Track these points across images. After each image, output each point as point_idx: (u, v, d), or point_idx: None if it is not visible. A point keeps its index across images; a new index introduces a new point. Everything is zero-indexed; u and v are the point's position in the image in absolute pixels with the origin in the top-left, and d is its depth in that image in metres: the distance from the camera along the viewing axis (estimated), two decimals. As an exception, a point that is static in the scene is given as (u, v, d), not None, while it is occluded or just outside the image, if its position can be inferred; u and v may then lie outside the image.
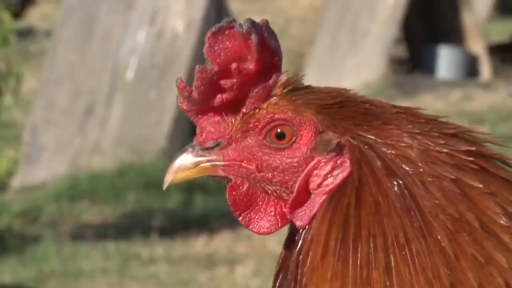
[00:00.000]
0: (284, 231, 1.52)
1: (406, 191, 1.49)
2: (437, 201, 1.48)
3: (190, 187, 8.17)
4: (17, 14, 9.43)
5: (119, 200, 8.49)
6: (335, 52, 11.10)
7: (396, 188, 1.49)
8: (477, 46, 11.03)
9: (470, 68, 11.38)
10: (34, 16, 12.38)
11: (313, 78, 12.10)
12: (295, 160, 1.55)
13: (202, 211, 8.44)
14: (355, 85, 11.98)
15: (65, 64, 8.76)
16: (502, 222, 1.46)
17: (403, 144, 1.51)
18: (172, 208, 8.37)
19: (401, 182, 1.49)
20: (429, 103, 11.04)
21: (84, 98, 8.74)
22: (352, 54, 10.87)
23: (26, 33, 11.02)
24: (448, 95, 11.53)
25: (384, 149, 1.51)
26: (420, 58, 11.56)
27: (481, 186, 1.46)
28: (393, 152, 1.51)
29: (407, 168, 1.50)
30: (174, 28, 8.39)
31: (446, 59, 11.27)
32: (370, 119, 1.54)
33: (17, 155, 7.88)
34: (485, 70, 11.21)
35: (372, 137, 1.52)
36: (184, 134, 8.84)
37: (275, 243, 7.02)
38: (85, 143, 8.53)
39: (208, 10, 8.39)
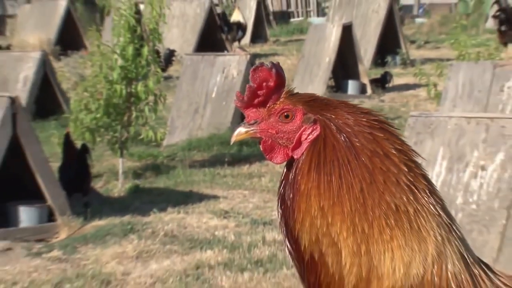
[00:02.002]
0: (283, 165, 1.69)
1: (347, 139, 1.64)
2: (362, 143, 1.65)
3: (240, 143, 8.10)
4: (163, 69, 10.03)
5: (210, 150, 9.03)
6: (302, 85, 11.74)
7: (342, 138, 1.65)
8: (365, 80, 11.84)
9: (362, 90, 12.15)
10: (171, 70, 12.46)
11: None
12: (294, 127, 1.69)
13: (246, 154, 8.90)
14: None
15: (185, 91, 9.61)
16: (393, 151, 1.65)
17: (345, 117, 1.67)
18: (233, 153, 8.88)
19: (345, 135, 1.65)
20: (345, 105, 11.89)
21: (193, 106, 9.50)
22: (310, 85, 11.62)
23: (167, 78, 11.46)
24: (352, 102, 12.70)
25: (336, 120, 1.67)
26: (340, 86, 12.53)
27: (382, 135, 1.65)
28: (340, 121, 1.66)
29: (347, 129, 1.66)
30: (232, 74, 8.75)
31: (351, 86, 12.04)
32: (328, 107, 1.70)
33: (165, 131, 8.69)
34: (369, 90, 12.01)
35: (330, 115, 1.68)
36: (238, 121, 8.79)
37: (280, 168, 8.32)
38: (194, 125, 9.36)
39: (247, 66, 9.28)
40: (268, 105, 1.71)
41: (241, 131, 1.71)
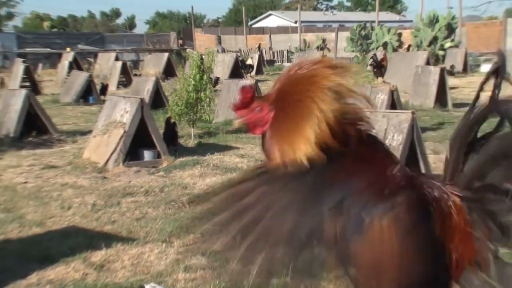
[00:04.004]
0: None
1: (285, 103, 1.31)
2: (292, 100, 1.31)
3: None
4: (213, 86, 9.96)
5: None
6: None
7: (283, 104, 1.31)
8: None
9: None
10: (217, 87, 10.89)
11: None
12: (264, 114, 1.37)
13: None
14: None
15: (224, 97, 8.76)
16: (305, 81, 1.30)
17: (284, 97, 1.33)
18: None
19: (284, 103, 1.32)
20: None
21: (227, 104, 8.72)
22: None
23: (215, 91, 10.73)
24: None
25: (278, 100, 1.34)
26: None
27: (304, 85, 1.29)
28: (280, 100, 1.34)
29: (285, 101, 1.33)
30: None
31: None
32: (277, 98, 1.34)
33: (214, 116, 8.38)
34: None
35: (277, 101, 1.32)
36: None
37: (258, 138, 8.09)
38: (228, 114, 8.61)
39: (254, 85, 9.37)
40: (248, 104, 1.44)
41: (238, 121, 1.47)
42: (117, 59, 19.04)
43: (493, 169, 1.21)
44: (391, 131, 4.73)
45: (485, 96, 1.27)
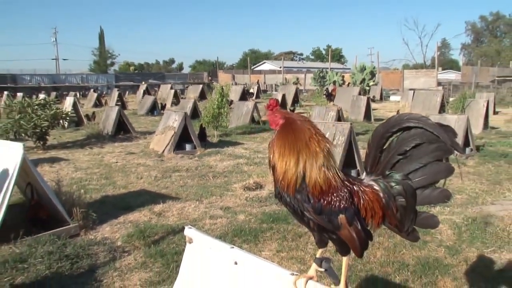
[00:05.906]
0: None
1: (293, 124, 1.14)
2: (300, 124, 1.14)
3: (251, 129, 7.80)
4: (230, 105, 9.00)
5: (242, 129, 7.91)
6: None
7: (292, 124, 1.14)
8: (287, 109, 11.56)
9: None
10: (232, 106, 10.15)
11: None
12: (278, 118, 1.16)
13: (253, 131, 7.84)
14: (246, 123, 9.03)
15: (235, 112, 8.13)
16: (312, 127, 1.13)
17: (294, 117, 1.16)
18: (249, 130, 7.82)
19: (292, 123, 1.13)
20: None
21: (238, 116, 8.14)
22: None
23: (230, 108, 9.23)
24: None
25: (291, 118, 1.16)
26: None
27: (307, 120, 1.16)
28: (292, 118, 1.16)
29: (294, 120, 1.15)
30: (250, 107, 7.88)
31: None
32: (289, 114, 1.17)
33: (229, 123, 7.79)
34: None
35: (289, 116, 1.16)
36: (251, 122, 8.06)
37: (263, 138, 6.13)
38: (238, 122, 8.12)
39: (253, 105, 8.10)
40: (272, 109, 1.22)
41: (266, 115, 1.24)
42: (171, 88, 18.91)
43: (395, 158, 1.24)
44: (337, 134, 4.80)
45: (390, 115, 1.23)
